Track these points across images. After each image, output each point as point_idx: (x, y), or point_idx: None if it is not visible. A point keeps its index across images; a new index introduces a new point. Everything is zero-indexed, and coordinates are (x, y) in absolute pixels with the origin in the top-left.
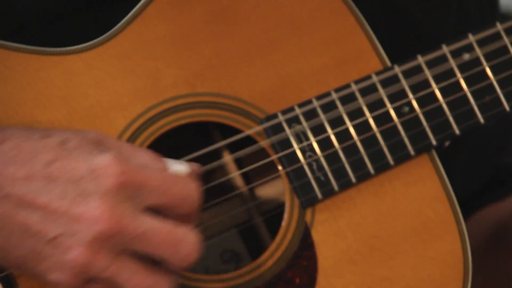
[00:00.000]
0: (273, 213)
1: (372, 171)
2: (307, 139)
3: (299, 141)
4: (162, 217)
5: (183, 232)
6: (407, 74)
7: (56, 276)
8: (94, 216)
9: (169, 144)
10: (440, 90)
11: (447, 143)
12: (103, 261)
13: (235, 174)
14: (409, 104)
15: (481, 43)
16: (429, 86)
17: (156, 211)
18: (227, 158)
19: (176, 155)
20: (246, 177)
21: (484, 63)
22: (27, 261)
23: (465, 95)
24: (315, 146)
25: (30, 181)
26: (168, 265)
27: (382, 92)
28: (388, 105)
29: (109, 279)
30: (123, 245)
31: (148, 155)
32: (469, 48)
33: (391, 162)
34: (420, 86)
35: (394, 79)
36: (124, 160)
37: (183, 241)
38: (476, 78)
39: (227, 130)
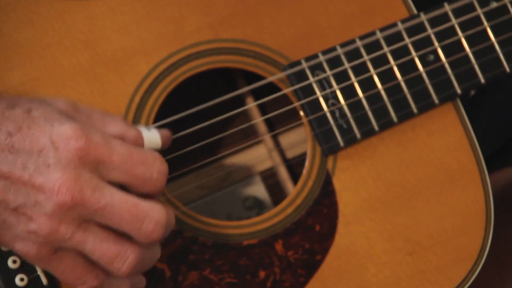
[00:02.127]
0: (296, 160)
1: (395, 119)
2: (331, 86)
3: (322, 88)
4: (126, 192)
5: (147, 207)
6: (433, 22)
7: (22, 246)
8: (55, 187)
9: (192, 90)
10: (466, 38)
11: (472, 92)
12: (66, 230)
13: (258, 120)
14: (435, 52)
15: None
16: (455, 34)
17: (120, 186)
18: (250, 105)
19: (199, 100)
20: (270, 125)
21: None
22: None
23: (491, 44)
24: (338, 93)
25: None
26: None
27: (407, 40)
28: (413, 53)
29: (75, 247)
30: (86, 216)
31: (119, 123)
32: None
33: (415, 110)
34: (446, 34)
35: (420, 27)
36: (87, 132)
37: (147, 217)
38: (503, 26)
39: (252, 77)
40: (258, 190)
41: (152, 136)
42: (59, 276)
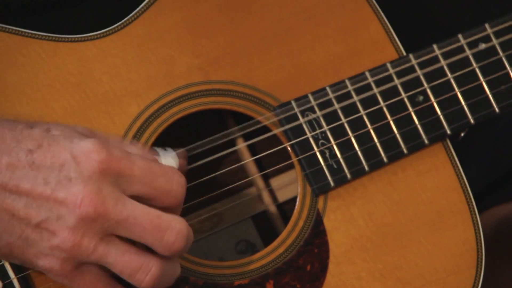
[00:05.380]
0: (288, 203)
1: (385, 159)
2: (320, 127)
3: (312, 129)
4: (147, 205)
5: (169, 219)
6: (422, 63)
7: (46, 262)
8: (77, 200)
9: (183, 131)
10: (455, 79)
11: (462, 133)
12: (89, 243)
13: (248, 161)
14: (424, 93)
15: (498, 34)
16: (444, 75)
17: (140, 199)
18: (240, 145)
19: (189, 142)
20: (261, 167)
21: (500, 52)
22: (15, 248)
23: (480, 85)
24: (328, 134)
25: (13, 168)
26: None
27: (396, 81)
28: (403, 93)
29: (98, 260)
30: (108, 228)
31: (137, 146)
32: (485, 38)
33: (405, 150)
34: (435, 75)
35: (409, 68)
36: (108, 146)
37: (168, 229)
38: (492, 67)
39: (242, 118)
40: (250, 233)
41: (169, 155)
42: None
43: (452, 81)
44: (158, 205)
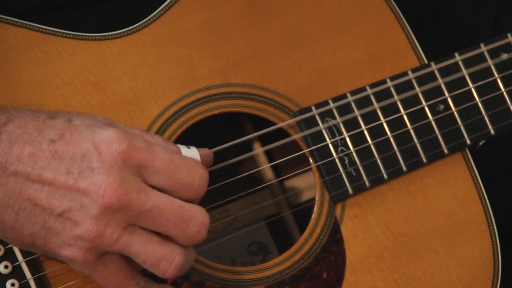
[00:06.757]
0: (302, 207)
1: (404, 168)
2: (340, 133)
3: (332, 135)
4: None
5: (192, 211)
6: (443, 71)
7: (69, 252)
8: (100, 190)
9: (201, 134)
10: (476, 89)
11: (481, 143)
12: (112, 233)
13: (265, 166)
14: (445, 102)
15: None
16: (466, 84)
17: (161, 191)
18: (258, 150)
19: (207, 145)
20: (277, 170)
21: None
22: (37, 238)
23: (501, 95)
24: (348, 141)
25: (36, 158)
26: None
27: (417, 89)
28: (423, 102)
29: (121, 251)
30: (131, 219)
31: (160, 137)
32: (507, 48)
33: (424, 159)
34: (456, 84)
35: (431, 77)
36: (130, 136)
37: (192, 220)
38: None
39: (260, 122)
40: (263, 235)
41: (192, 154)
42: (102, 282)
43: (473, 90)
44: (177, 197)
